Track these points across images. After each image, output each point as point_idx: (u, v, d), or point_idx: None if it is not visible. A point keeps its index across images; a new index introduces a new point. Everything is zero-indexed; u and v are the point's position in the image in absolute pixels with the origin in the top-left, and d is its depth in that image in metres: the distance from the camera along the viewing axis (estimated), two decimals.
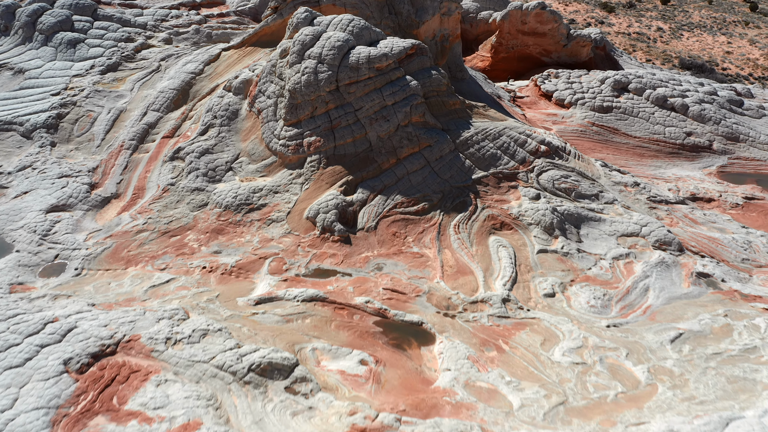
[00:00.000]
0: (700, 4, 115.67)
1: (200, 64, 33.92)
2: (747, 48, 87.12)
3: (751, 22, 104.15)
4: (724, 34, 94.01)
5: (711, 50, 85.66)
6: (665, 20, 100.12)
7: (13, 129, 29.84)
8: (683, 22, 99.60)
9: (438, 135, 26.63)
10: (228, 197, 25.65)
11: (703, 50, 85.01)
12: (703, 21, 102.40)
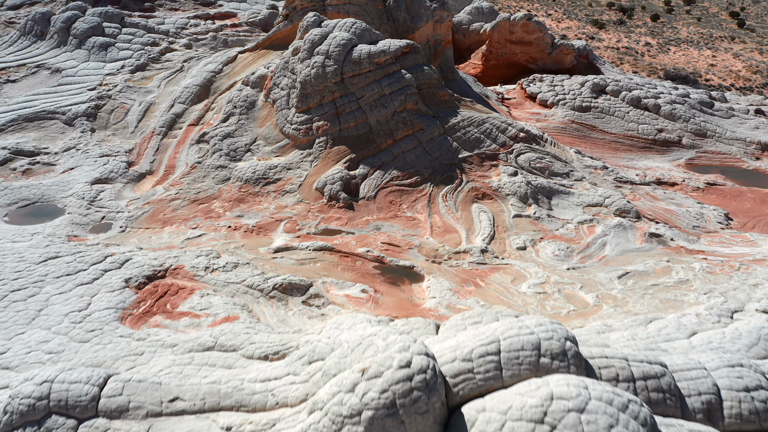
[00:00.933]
0: (688, 20, 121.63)
1: (219, 65, 38.76)
2: (731, 61, 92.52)
3: (737, 38, 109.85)
4: (709, 49, 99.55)
5: (696, 63, 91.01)
6: (654, 36, 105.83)
7: (56, 118, 34.51)
8: (671, 38, 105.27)
9: (429, 120, 31.27)
10: (248, 173, 30.18)
11: (688, 63, 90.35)
12: (691, 36, 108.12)
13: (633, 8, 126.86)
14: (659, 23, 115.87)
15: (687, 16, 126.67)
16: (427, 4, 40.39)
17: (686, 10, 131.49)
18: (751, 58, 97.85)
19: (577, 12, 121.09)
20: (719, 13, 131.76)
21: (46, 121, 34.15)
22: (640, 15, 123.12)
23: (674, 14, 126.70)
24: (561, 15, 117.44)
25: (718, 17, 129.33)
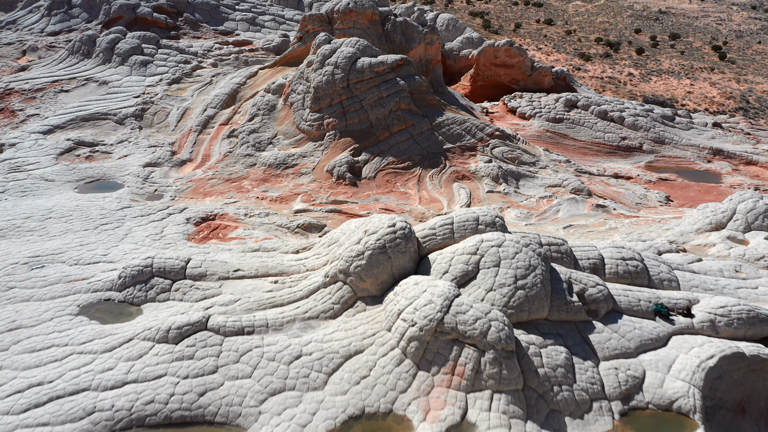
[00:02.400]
0: (672, 54, 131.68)
1: (243, 78, 46.97)
2: (707, 88, 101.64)
3: (716, 68, 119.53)
4: (689, 78, 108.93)
5: (674, 91, 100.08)
6: (637, 67, 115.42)
7: (109, 118, 42.43)
8: (653, 69, 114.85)
9: (419, 118, 39.17)
10: (270, 159, 37.85)
11: (667, 90, 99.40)
12: (673, 68, 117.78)
13: (620, 43, 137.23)
14: (644, 56, 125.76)
15: (671, 50, 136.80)
16: (419, 29, 48.90)
17: (671, 44, 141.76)
18: (727, 86, 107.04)
19: (566, 46, 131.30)
20: (702, 47, 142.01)
21: (100, 120, 42.06)
22: (626, 49, 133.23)
23: (659, 48, 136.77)
24: (551, 49, 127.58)
25: (701, 51, 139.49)
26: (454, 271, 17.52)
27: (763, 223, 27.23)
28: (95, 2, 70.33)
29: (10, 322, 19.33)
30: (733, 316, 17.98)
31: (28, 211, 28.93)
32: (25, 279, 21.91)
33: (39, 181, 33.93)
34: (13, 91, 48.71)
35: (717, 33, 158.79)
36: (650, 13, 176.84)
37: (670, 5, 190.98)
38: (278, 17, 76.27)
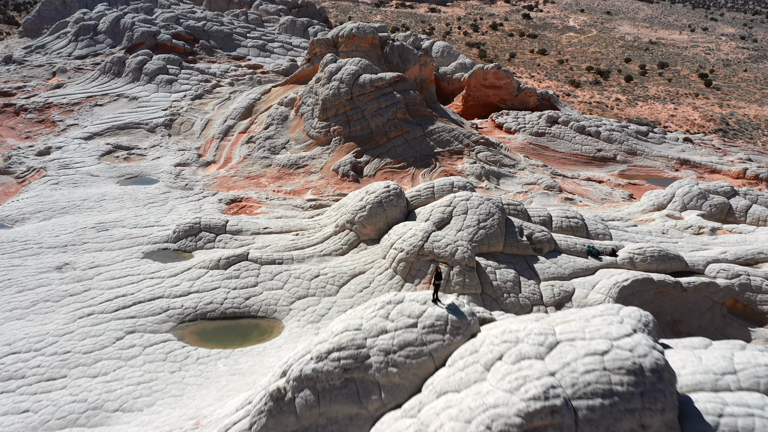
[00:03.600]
0: (659, 81, 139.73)
1: (258, 94, 53.86)
2: (690, 112, 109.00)
3: (701, 94, 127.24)
4: (673, 103, 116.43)
5: (658, 114, 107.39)
6: (624, 93, 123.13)
7: (141, 127, 49.10)
8: (640, 95, 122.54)
9: (413, 126, 45.81)
10: (284, 160, 44.33)
11: (651, 114, 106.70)
12: (659, 94, 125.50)
13: (609, 71, 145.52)
14: (632, 84, 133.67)
15: (659, 78, 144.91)
16: (414, 52, 56.03)
17: (659, 73, 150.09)
18: (710, 110, 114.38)
19: (558, 74, 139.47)
20: (689, 75, 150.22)
21: (134, 129, 48.72)
22: (616, 77, 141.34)
23: (647, 76, 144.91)
24: (543, 76, 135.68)
25: (688, 79, 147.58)
26: (434, 218, 23.73)
27: (696, 204, 33.48)
28: (119, 29, 78.02)
29: (90, 263, 25.45)
30: (647, 255, 24.09)
31: (84, 196, 35.26)
32: (95, 237, 28.12)
33: (86, 176, 40.31)
34: (52, 104, 55.58)
35: (705, 62, 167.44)
36: (641, 43, 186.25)
37: (661, 36, 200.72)
38: (286, 44, 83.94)
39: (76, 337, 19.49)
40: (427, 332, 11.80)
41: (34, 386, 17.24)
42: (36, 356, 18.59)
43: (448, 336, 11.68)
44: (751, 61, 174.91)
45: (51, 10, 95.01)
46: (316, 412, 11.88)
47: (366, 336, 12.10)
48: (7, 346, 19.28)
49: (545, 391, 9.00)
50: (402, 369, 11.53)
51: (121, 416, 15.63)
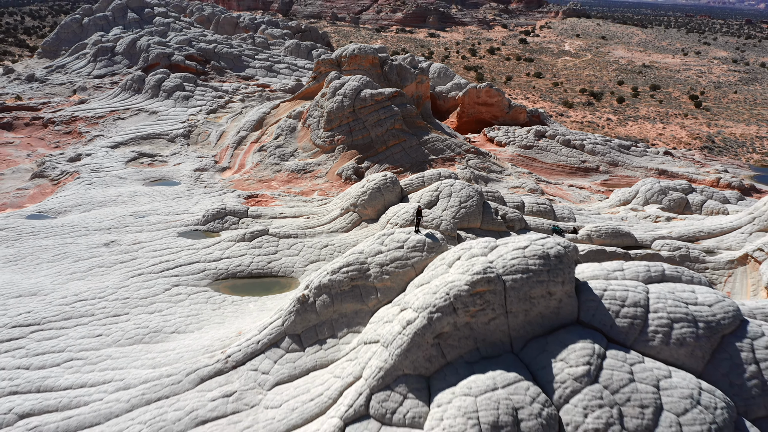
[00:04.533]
0: (651, 103, 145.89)
1: (268, 108, 59.38)
2: (677, 131, 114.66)
3: (690, 114, 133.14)
4: (662, 123, 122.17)
5: (647, 133, 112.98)
6: (616, 113, 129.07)
7: (162, 137, 54.47)
8: (631, 115, 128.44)
9: (410, 136, 51.15)
10: (292, 166, 49.55)
11: (640, 133, 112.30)
12: (649, 114, 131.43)
13: (602, 93, 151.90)
14: (623, 105, 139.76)
15: (651, 99, 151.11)
16: (411, 71, 61.73)
17: (651, 95, 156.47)
18: (698, 129, 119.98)
19: (552, 96, 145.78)
20: (680, 97, 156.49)
21: (155, 139, 54.11)
22: (608, 98, 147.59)
23: (639, 98, 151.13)
24: (537, 98, 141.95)
25: (679, 100, 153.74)
26: (423, 200, 28.79)
27: (657, 198, 38.54)
28: (135, 50, 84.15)
29: (133, 241, 30.43)
30: (602, 231, 29.06)
31: (117, 193, 40.39)
32: (134, 222, 33.15)
33: (116, 178, 45.50)
34: (78, 118, 61.11)
35: (696, 84, 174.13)
36: (634, 67, 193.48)
37: (654, 60, 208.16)
38: (291, 65, 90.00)
39: (132, 288, 24.40)
40: (410, 251, 16.77)
41: (103, 320, 22.08)
42: (101, 301, 23.47)
43: (425, 253, 16.64)
44: (742, 84, 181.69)
45: (68, 33, 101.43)
46: (330, 309, 16.77)
47: (367, 256, 17.06)
48: (74, 296, 24.17)
49: (484, 269, 13.93)
50: (392, 276, 16.46)
51: (176, 336, 20.45)
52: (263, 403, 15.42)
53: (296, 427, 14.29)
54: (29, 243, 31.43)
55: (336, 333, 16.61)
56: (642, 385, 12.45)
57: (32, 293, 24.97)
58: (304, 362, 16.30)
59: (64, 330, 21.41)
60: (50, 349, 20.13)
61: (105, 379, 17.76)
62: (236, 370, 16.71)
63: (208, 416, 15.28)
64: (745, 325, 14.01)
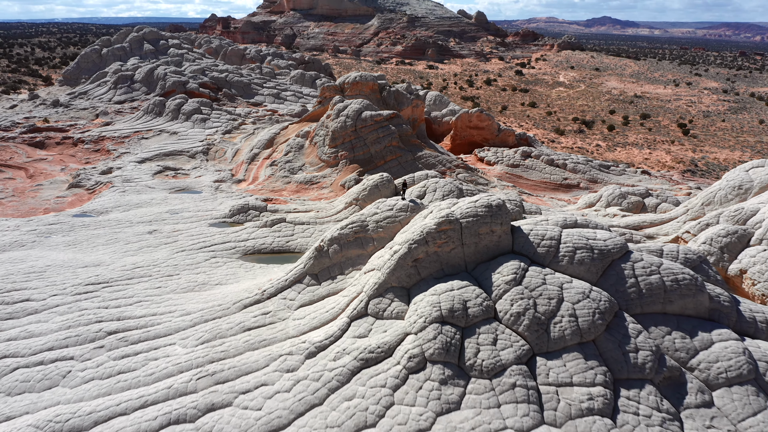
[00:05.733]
0: (640, 130, 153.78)
1: (278, 129, 66.58)
2: (662, 155, 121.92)
3: (677, 141, 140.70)
4: (649, 149, 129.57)
5: (634, 158, 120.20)
6: (605, 140, 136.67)
7: (183, 154, 61.50)
8: (620, 142, 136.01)
9: (405, 152, 58.16)
10: (300, 179, 56.43)
11: (627, 157, 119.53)
12: (638, 141, 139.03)
13: (594, 122, 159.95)
14: (614, 132, 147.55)
15: (640, 127, 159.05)
16: (408, 96, 69.15)
17: (641, 123, 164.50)
18: (683, 154, 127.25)
19: (545, 124, 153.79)
20: (669, 125, 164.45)
21: (177, 155, 61.15)
22: (599, 126, 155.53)
23: (629, 126, 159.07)
24: (531, 126, 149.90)
25: (668, 128, 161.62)
26: (413, 194, 35.44)
27: (618, 201, 45.18)
28: (153, 79, 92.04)
29: (172, 230, 36.99)
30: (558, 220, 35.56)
31: (150, 197, 47.15)
32: (170, 217, 39.78)
33: (145, 187, 52.31)
34: (105, 137, 68.31)
35: (686, 113, 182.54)
36: (626, 97, 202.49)
37: (646, 90, 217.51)
38: (297, 93, 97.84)
39: (178, 259, 30.91)
40: (398, 212, 23.38)
41: (160, 279, 28.52)
42: (155, 267, 29.96)
43: (409, 213, 23.25)
44: (731, 113, 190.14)
45: (88, 63, 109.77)
46: (340, 255, 23.27)
47: (366, 216, 23.67)
48: (132, 265, 30.65)
49: (447, 215, 20.52)
50: (385, 229, 23.03)
51: (220, 287, 26.88)
52: (291, 317, 21.81)
53: (316, 328, 20.67)
54: (83, 233, 38.04)
55: (344, 271, 23.11)
56: (550, 286, 18.90)
57: (96, 264, 31.48)
58: (320, 292, 22.74)
59: (129, 285, 27.88)
60: (121, 296, 26.56)
61: (170, 310, 24.17)
62: (270, 300, 23.12)
63: (251, 325, 21.65)
64: (629, 254, 20.52)
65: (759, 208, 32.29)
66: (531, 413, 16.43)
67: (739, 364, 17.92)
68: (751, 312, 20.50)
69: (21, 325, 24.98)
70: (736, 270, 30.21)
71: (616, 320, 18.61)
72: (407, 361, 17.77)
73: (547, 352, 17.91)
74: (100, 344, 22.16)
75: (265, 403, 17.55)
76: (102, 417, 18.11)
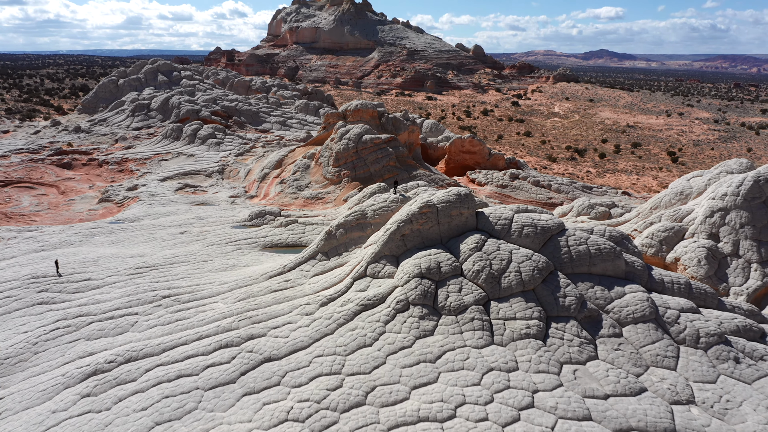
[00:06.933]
0: (631, 158, 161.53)
1: (286, 152, 73.99)
2: (649, 181, 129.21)
3: (665, 168, 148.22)
4: (638, 175, 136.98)
5: (622, 183, 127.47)
6: (596, 167, 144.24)
7: (200, 173, 68.75)
8: (610, 168, 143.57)
9: (402, 171, 65.39)
10: (307, 194, 63.55)
11: (615, 182, 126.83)
12: (627, 168, 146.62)
13: (586, 150, 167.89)
14: (604, 160, 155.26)
15: (631, 155, 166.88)
16: (404, 122, 76.77)
17: (631, 151, 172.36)
18: (670, 179, 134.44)
19: (539, 152, 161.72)
20: (659, 153, 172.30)
21: (195, 174, 68.41)
22: (591, 154, 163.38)
23: (620, 154, 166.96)
24: (524, 153, 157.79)
25: (658, 156, 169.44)
26: None
27: (587, 211, 52.03)
28: (168, 107, 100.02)
29: (200, 231, 43.84)
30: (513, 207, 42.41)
31: (175, 209, 54.13)
32: (197, 222, 46.66)
33: (169, 201, 59.36)
34: (128, 159, 75.69)
35: (676, 142, 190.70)
36: (619, 127, 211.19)
37: (639, 120, 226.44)
38: (302, 120, 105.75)
39: (209, 250, 37.69)
40: (390, 203, 30.32)
41: (197, 263, 35.24)
42: (191, 256, 36.70)
43: (399, 204, 30.17)
44: (721, 142, 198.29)
45: (106, 92, 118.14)
46: (345, 236, 30.09)
47: (366, 207, 30.58)
48: (171, 255, 37.40)
49: (427, 201, 27.41)
50: (380, 216, 29.91)
51: (245, 268, 33.58)
52: (307, 282, 28.53)
53: (326, 288, 27.37)
54: (123, 234, 44.91)
55: (348, 249, 29.92)
56: (503, 252, 25.65)
57: (140, 255, 38.28)
58: (329, 264, 29.51)
59: (172, 267, 34.62)
60: (167, 275, 33.28)
61: (210, 281, 30.89)
62: (290, 272, 29.87)
63: (276, 288, 28.34)
64: (565, 230, 27.33)
65: (693, 208, 39.29)
66: (484, 337, 23.01)
67: (643, 309, 24.54)
68: (660, 276, 27.24)
69: (88, 296, 31.67)
70: (672, 258, 37.15)
71: (551, 276, 25.28)
72: (396, 304, 24.44)
73: (499, 298, 24.56)
74: (158, 304, 28.83)
75: (291, 333, 24.16)
76: (168, 346, 24.70)
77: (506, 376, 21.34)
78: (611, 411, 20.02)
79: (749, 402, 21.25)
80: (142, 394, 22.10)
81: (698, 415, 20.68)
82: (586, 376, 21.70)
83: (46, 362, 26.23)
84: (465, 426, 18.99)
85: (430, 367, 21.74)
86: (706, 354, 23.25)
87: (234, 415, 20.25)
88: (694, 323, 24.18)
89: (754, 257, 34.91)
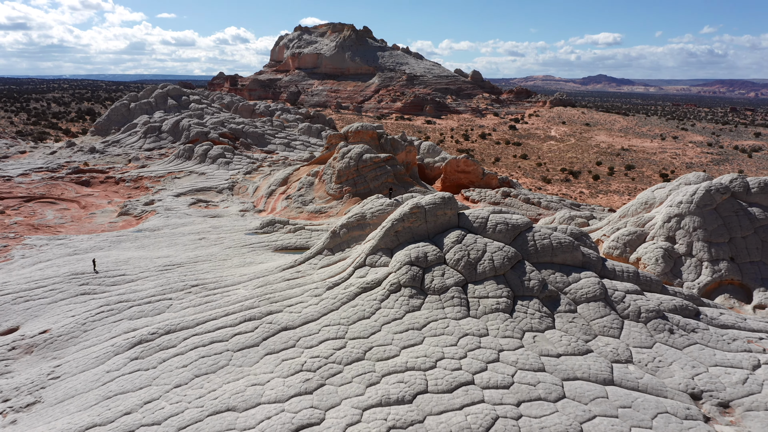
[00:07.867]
0: (624, 180, 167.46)
1: (291, 170, 79.82)
2: None
3: None
4: (629, 195, 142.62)
5: (614, 203, 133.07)
6: (589, 188, 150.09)
7: (212, 189, 74.51)
8: (602, 189, 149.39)
9: (399, 187, 71.11)
10: (311, 209, 69.18)
11: (607, 203, 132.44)
12: (619, 188, 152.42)
13: (580, 172, 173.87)
14: (598, 181, 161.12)
15: (624, 177, 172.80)
16: (402, 143, 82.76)
17: (625, 173, 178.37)
18: None
19: (534, 174, 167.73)
20: (652, 175, 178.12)
21: (207, 191, 74.18)
22: (585, 176, 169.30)
23: (614, 176, 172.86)
24: (520, 175, 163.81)
25: (651, 177, 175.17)
26: None
27: (568, 222, 57.53)
28: (178, 129, 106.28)
29: (216, 237, 49.31)
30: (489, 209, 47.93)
31: (191, 220, 59.70)
32: (213, 230, 52.16)
33: (184, 214, 64.95)
34: (144, 177, 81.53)
35: (669, 164, 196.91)
36: (614, 150, 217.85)
37: (633, 144, 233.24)
38: (305, 142, 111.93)
39: (227, 252, 43.11)
40: (387, 206, 35.86)
41: (217, 262, 40.62)
42: (211, 256, 42.11)
43: (393, 207, 35.71)
44: (713, 164, 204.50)
45: (118, 115, 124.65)
46: (347, 235, 35.56)
47: (365, 210, 36.12)
48: (194, 256, 42.81)
49: (416, 203, 32.95)
50: (378, 217, 35.43)
51: (258, 264, 38.97)
52: (315, 273, 33.95)
53: (332, 276, 32.77)
54: (147, 240, 50.39)
55: (350, 246, 35.37)
56: (479, 244, 31.10)
57: (166, 256, 43.71)
58: (334, 258, 34.95)
59: (196, 265, 40.03)
60: (193, 270, 38.67)
61: (231, 274, 36.29)
62: (301, 265, 35.29)
63: (289, 277, 33.74)
64: (532, 228, 32.82)
65: (654, 215, 44.85)
66: (462, 311, 28.35)
67: (595, 290, 29.91)
68: (613, 265, 32.67)
69: (125, 287, 37.06)
70: (634, 258, 42.58)
71: (519, 264, 30.68)
72: (390, 286, 29.83)
73: (475, 281, 29.94)
74: (188, 291, 34.21)
75: (303, 310, 29.52)
76: (200, 320, 30.02)
77: (478, 339, 26.63)
78: (561, 365, 25.23)
79: (678, 362, 26.51)
80: (182, 356, 27.38)
81: (634, 371, 25.92)
82: (543, 341, 26.99)
83: (95, 337, 31.51)
84: (443, 373, 24.23)
85: (416, 333, 27.05)
86: (645, 326, 28.54)
87: (259, 368, 25.52)
88: (637, 302, 29.54)
89: (705, 256, 40.30)
